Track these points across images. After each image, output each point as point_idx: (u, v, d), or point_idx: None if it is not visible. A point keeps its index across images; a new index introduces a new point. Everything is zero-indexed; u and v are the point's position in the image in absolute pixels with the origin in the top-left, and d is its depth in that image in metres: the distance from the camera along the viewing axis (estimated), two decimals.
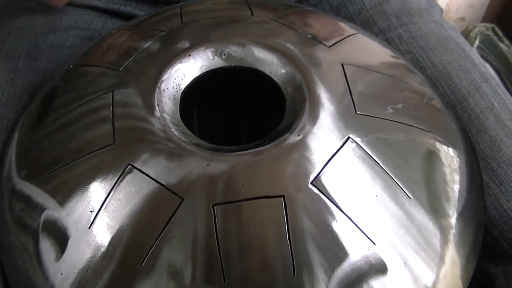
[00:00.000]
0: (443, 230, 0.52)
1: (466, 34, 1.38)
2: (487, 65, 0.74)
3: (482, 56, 1.30)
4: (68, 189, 0.51)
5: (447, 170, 0.55)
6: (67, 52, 0.76)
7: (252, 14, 0.64)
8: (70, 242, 0.49)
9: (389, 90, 0.58)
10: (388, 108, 0.55)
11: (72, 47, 0.77)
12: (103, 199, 0.49)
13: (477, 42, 1.35)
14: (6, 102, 0.68)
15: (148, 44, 0.60)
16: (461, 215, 0.54)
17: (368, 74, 0.58)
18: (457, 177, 0.56)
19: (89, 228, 0.48)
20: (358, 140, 0.51)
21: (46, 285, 0.50)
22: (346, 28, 0.65)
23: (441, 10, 0.84)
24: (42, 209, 0.51)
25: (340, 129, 0.51)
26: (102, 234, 0.48)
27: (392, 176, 0.50)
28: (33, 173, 0.55)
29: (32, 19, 0.77)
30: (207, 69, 0.58)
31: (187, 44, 0.58)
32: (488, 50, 1.35)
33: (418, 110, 0.58)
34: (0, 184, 0.59)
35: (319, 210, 0.47)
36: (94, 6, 0.81)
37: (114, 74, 0.57)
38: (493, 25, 1.40)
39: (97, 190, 0.49)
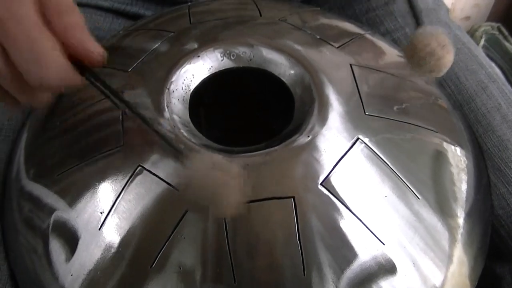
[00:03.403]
0: (451, 230, 0.52)
1: (471, 33, 1.38)
2: (494, 65, 0.74)
3: (488, 55, 1.30)
4: (77, 190, 0.51)
5: (454, 170, 0.55)
6: None
7: (261, 15, 0.64)
8: (80, 243, 0.49)
9: (397, 90, 0.58)
10: (396, 108, 0.55)
11: None
12: (113, 200, 0.49)
13: (482, 41, 1.35)
14: None
15: (156, 45, 0.60)
16: (469, 215, 0.54)
17: (376, 75, 0.58)
18: (464, 177, 0.56)
19: (99, 229, 0.49)
20: (367, 140, 0.51)
21: (56, 286, 0.50)
22: (354, 28, 0.66)
23: (447, 10, 0.84)
24: (52, 210, 0.51)
25: (349, 130, 0.51)
26: (112, 235, 0.48)
27: (401, 177, 0.51)
28: (42, 174, 0.55)
29: None
30: (216, 70, 0.58)
31: (195, 45, 0.58)
32: (494, 49, 1.35)
33: (426, 110, 0.58)
34: (9, 184, 0.59)
35: (329, 211, 0.47)
36: (100, 6, 0.81)
37: (123, 75, 0.57)
38: (498, 24, 1.40)
39: (107, 191, 0.50)
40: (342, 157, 0.50)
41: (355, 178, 0.49)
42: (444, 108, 0.61)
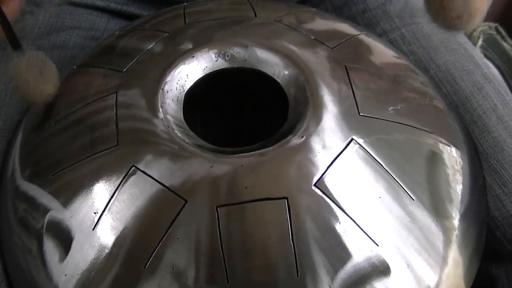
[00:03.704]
0: (446, 231, 0.52)
1: (469, 33, 1.38)
2: (490, 65, 0.74)
3: (485, 55, 1.29)
4: (71, 190, 0.51)
5: (450, 171, 0.55)
6: (69, 52, 0.76)
7: (255, 15, 0.64)
8: (74, 243, 0.49)
9: (392, 91, 0.58)
10: (391, 109, 0.55)
11: (74, 47, 0.77)
12: (107, 200, 0.49)
13: (480, 41, 1.35)
14: (9, 103, 0.68)
15: (151, 45, 0.60)
16: (464, 216, 0.54)
17: (371, 75, 0.58)
18: (460, 178, 0.56)
19: (93, 229, 0.49)
20: (361, 141, 0.51)
21: (50, 286, 0.50)
22: (349, 29, 0.65)
23: None
24: (46, 210, 0.51)
25: (343, 131, 0.51)
26: (106, 236, 0.48)
27: (395, 178, 0.50)
28: (36, 174, 0.55)
29: (35, 19, 0.77)
30: (211, 71, 0.58)
31: (190, 45, 0.58)
32: (491, 49, 1.35)
33: (421, 111, 0.58)
34: (4, 184, 0.59)
35: (323, 212, 0.47)
36: (96, 6, 0.81)
37: (118, 76, 0.57)
38: (496, 24, 1.39)
39: (101, 191, 0.50)
40: (336, 158, 0.49)
41: (349, 179, 0.49)
42: (440, 108, 0.61)
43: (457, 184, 0.55)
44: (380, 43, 0.66)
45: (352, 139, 0.51)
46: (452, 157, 0.56)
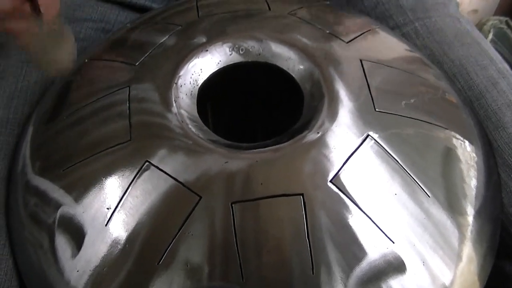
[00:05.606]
0: (461, 228, 0.51)
1: (479, 27, 1.37)
2: (503, 60, 0.73)
3: (496, 50, 1.29)
4: (84, 185, 0.51)
5: (464, 167, 0.55)
6: (80, 44, 0.75)
7: (269, 9, 0.64)
8: (86, 239, 0.49)
9: (407, 86, 0.58)
10: (404, 103, 0.54)
11: (85, 40, 0.76)
12: (120, 196, 0.49)
13: (490, 36, 1.34)
14: (19, 95, 0.67)
15: (164, 39, 0.59)
16: (478, 213, 0.53)
17: (386, 70, 0.57)
18: (474, 174, 0.55)
19: (105, 225, 0.48)
20: (376, 137, 0.50)
21: (62, 281, 0.50)
22: (364, 23, 0.65)
23: (457, 4, 0.83)
24: (58, 205, 0.51)
25: (359, 126, 0.51)
26: (119, 232, 0.48)
27: (411, 174, 0.50)
28: (48, 168, 0.55)
29: None
30: (225, 65, 0.57)
31: (204, 39, 0.58)
32: (502, 43, 1.34)
33: (435, 106, 0.57)
34: (14, 178, 0.59)
35: (338, 208, 0.47)
36: None
37: (130, 69, 0.57)
38: (506, 18, 1.39)
39: (113, 187, 0.49)
40: (352, 154, 0.49)
41: (364, 175, 0.49)
42: (454, 103, 0.60)
43: (471, 179, 0.55)
44: (394, 37, 0.66)
45: (368, 135, 0.50)
46: (467, 153, 0.56)
